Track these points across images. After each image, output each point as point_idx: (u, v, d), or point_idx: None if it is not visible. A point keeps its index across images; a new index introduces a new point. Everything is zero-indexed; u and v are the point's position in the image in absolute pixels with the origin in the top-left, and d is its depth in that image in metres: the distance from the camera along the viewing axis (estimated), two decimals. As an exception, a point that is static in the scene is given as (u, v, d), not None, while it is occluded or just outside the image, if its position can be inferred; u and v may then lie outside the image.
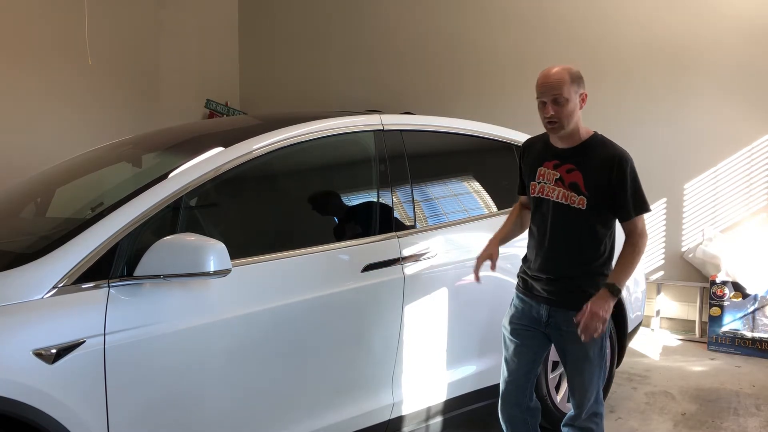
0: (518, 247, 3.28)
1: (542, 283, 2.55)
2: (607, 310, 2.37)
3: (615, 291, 2.39)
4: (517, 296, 2.68)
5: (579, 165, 2.45)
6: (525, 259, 2.67)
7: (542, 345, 2.62)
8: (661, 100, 5.61)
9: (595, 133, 2.53)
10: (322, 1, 7.45)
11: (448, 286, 2.96)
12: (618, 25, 5.76)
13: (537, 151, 2.61)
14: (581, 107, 2.47)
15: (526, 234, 2.72)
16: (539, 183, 2.55)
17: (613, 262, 2.52)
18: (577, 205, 2.44)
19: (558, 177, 2.49)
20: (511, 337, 2.65)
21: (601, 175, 2.42)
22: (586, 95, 2.48)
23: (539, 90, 2.45)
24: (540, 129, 2.59)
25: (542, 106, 2.44)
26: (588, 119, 2.51)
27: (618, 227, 2.51)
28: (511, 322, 2.67)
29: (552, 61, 2.58)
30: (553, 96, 2.40)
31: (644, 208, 2.46)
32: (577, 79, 2.45)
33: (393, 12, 6.98)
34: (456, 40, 6.58)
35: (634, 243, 2.44)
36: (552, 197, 2.50)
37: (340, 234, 2.88)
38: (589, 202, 2.42)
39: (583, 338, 2.36)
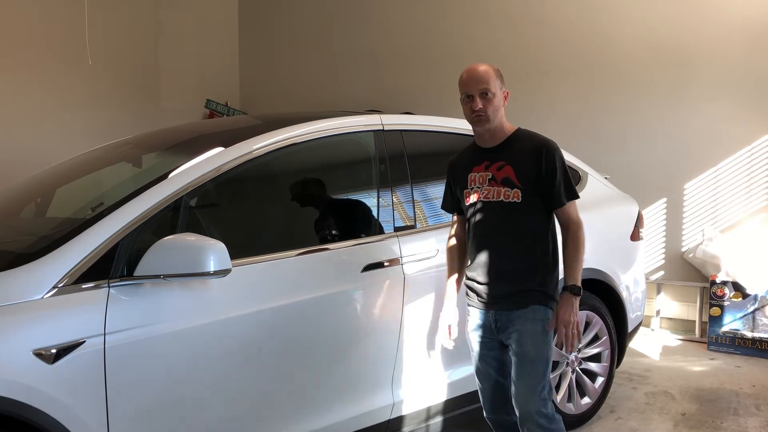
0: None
1: (486, 287, 2.50)
2: (575, 313, 2.41)
3: (576, 291, 2.42)
4: (467, 306, 2.62)
5: (508, 159, 2.46)
6: (468, 268, 2.60)
7: (504, 353, 2.55)
8: (662, 100, 5.61)
9: (519, 128, 2.55)
10: (323, 2, 7.46)
11: (448, 286, 2.96)
12: (618, 24, 5.76)
13: (465, 160, 2.61)
14: (504, 104, 2.50)
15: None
16: (472, 189, 2.53)
17: (559, 259, 2.53)
18: (513, 199, 2.43)
19: (490, 177, 2.48)
20: (472, 347, 2.62)
21: (530, 164, 2.42)
22: (507, 93, 2.52)
23: (465, 84, 2.46)
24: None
25: (468, 100, 2.45)
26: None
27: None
28: (468, 333, 2.63)
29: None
30: (480, 90, 2.42)
31: (574, 194, 2.47)
32: (500, 76, 2.49)
33: (393, 12, 6.98)
34: (456, 40, 6.58)
35: (574, 233, 2.45)
36: (489, 198, 2.48)
37: (340, 234, 2.88)
38: (524, 194, 2.42)
39: (567, 350, 2.40)
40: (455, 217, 2.73)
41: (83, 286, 2.03)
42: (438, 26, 6.71)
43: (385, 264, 2.74)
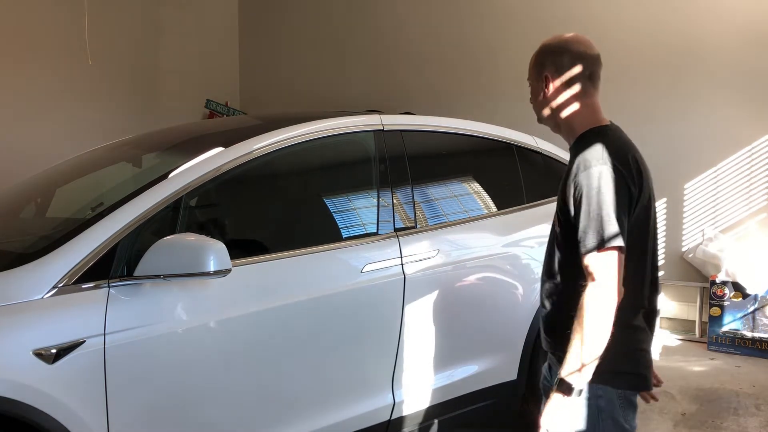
0: (521, 246, 3.28)
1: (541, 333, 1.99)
2: (554, 421, 1.68)
3: (564, 388, 1.66)
4: None
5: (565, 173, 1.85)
6: None
7: None
8: (662, 100, 5.60)
9: (593, 127, 1.87)
10: (323, 2, 7.46)
11: (448, 286, 2.96)
12: (619, 24, 5.76)
13: None
14: (546, 93, 1.87)
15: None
16: None
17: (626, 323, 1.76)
18: (555, 226, 1.87)
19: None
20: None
21: (562, 185, 1.81)
22: (548, 76, 1.87)
23: None
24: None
25: None
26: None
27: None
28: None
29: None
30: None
31: (596, 241, 1.65)
32: (541, 55, 1.90)
33: (393, 12, 6.98)
34: (456, 40, 6.58)
35: (586, 296, 1.65)
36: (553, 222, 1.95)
37: (340, 234, 2.88)
38: (560, 222, 1.83)
39: None
40: None
41: (83, 286, 2.03)
42: (438, 26, 6.70)
43: (385, 264, 2.74)
